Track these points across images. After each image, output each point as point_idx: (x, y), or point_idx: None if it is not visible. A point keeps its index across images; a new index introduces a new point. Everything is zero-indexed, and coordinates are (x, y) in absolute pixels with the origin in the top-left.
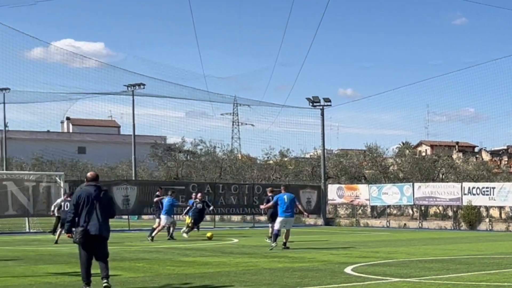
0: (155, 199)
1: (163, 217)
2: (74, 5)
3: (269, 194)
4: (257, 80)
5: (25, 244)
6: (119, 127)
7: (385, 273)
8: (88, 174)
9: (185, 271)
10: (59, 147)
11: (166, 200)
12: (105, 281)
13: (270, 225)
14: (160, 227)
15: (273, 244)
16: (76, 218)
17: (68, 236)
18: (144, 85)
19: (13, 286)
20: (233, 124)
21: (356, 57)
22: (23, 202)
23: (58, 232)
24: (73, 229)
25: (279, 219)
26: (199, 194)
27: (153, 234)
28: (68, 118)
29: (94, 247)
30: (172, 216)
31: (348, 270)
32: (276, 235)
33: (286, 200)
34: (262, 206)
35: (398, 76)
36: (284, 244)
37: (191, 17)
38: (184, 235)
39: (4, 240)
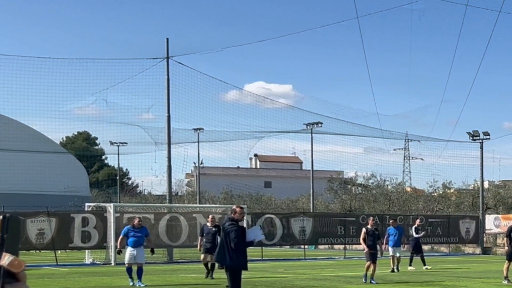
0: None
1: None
2: (264, 50)
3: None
4: (427, 115)
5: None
6: (301, 163)
7: None
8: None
9: None
10: (247, 182)
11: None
12: None
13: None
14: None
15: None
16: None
17: None
18: (321, 123)
19: None
20: (404, 159)
21: None
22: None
23: None
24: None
25: None
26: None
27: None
28: (256, 155)
29: None
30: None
31: None
32: None
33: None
34: None
35: None
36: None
37: (365, 58)
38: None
39: (193, 268)
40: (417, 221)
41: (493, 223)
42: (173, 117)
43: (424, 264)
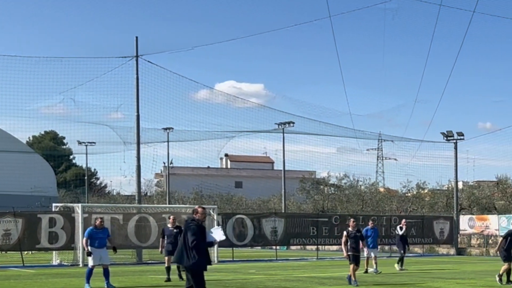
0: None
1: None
2: (235, 49)
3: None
4: (400, 115)
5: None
6: (273, 162)
7: None
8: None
9: None
10: (217, 182)
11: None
12: None
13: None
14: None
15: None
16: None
17: None
18: (293, 123)
19: None
20: (377, 159)
21: (490, 91)
22: None
23: None
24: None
25: None
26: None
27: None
28: (226, 155)
29: None
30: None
31: None
32: None
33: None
34: None
35: None
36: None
37: (337, 58)
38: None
39: (162, 269)
40: (403, 221)
41: (468, 223)
42: (142, 117)
43: (399, 264)
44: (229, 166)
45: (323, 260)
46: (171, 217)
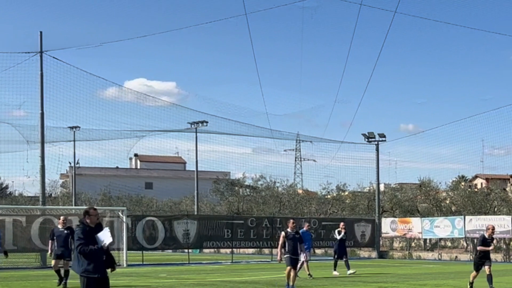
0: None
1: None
2: (145, 46)
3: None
4: (319, 115)
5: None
6: (185, 163)
7: None
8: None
9: None
10: (127, 183)
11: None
12: None
13: None
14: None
15: None
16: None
17: None
18: (207, 122)
19: None
20: (295, 160)
21: (413, 92)
22: None
23: None
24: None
25: None
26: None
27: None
28: (136, 155)
29: None
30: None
31: None
32: None
33: None
34: None
35: (455, 111)
36: None
37: (253, 56)
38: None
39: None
40: (341, 224)
41: (390, 226)
42: (47, 115)
43: (348, 269)
44: (138, 167)
45: (238, 264)
46: (61, 217)
